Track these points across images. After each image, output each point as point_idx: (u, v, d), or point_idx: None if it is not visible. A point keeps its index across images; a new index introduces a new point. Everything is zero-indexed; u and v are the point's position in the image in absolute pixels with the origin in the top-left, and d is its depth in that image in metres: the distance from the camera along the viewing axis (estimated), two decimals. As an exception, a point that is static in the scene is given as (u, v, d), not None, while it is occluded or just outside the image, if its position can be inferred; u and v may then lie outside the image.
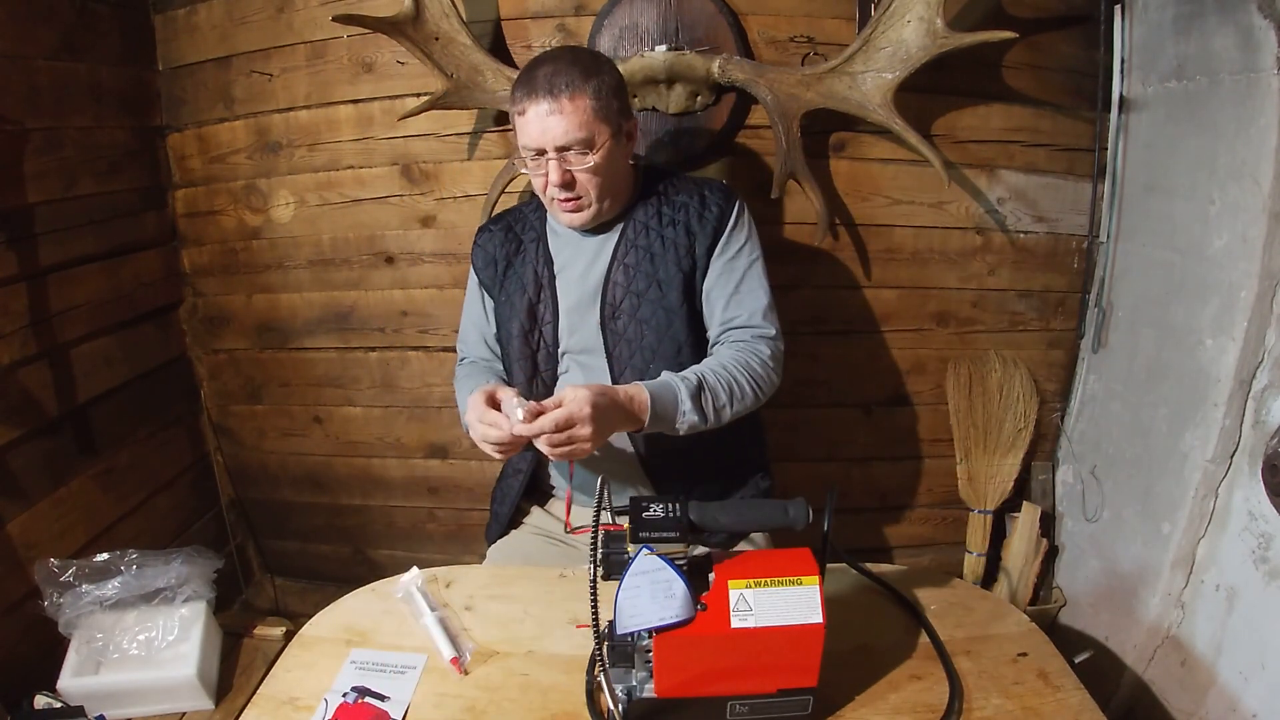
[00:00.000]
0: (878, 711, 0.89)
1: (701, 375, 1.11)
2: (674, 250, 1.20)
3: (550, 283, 1.26)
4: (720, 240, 1.21)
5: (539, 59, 1.14)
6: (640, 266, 1.21)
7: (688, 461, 1.24)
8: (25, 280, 1.47)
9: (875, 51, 1.48)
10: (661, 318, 1.20)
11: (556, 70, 1.10)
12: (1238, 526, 1.34)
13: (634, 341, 1.21)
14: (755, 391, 1.16)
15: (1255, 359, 1.31)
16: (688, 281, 1.21)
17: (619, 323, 1.21)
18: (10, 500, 1.44)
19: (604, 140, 1.12)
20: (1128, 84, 1.60)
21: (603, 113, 1.12)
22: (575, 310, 1.25)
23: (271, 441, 2.04)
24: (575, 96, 1.09)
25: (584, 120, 1.10)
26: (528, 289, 1.27)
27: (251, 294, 1.90)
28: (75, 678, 1.35)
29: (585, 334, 1.24)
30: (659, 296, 1.20)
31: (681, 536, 0.81)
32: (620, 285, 1.21)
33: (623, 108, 1.16)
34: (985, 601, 1.10)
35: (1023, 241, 1.76)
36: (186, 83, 1.78)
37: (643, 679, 0.85)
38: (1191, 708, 1.40)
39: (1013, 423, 1.83)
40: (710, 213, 1.21)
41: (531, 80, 1.11)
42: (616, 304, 1.21)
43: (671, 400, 1.07)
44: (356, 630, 1.05)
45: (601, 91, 1.11)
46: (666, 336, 1.20)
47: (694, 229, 1.21)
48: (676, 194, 1.24)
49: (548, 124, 1.10)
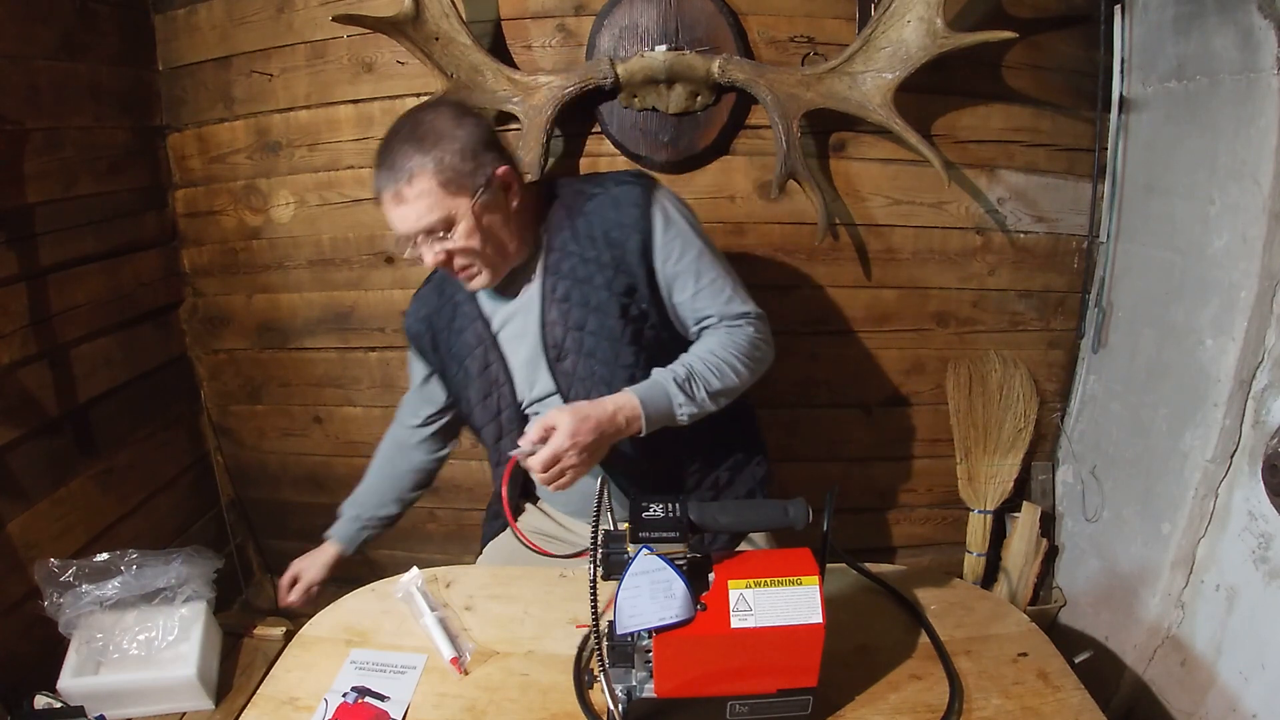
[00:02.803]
0: (878, 711, 0.89)
1: (690, 365, 1.08)
2: (601, 271, 1.11)
3: (494, 342, 1.19)
4: (654, 244, 1.12)
5: (387, 135, 1.06)
6: (573, 298, 1.13)
7: (676, 462, 1.22)
8: (25, 280, 1.47)
9: (875, 51, 1.48)
10: (606, 348, 1.13)
11: (393, 151, 1.02)
12: (1238, 526, 1.34)
13: (586, 379, 1.14)
14: (748, 366, 1.12)
15: (1255, 359, 1.31)
16: (623, 301, 1.12)
17: (566, 363, 1.15)
18: (10, 500, 1.43)
19: (463, 212, 1.03)
20: (1128, 84, 1.60)
21: (453, 185, 1.02)
22: (528, 364, 1.18)
23: (271, 441, 2.04)
24: (414, 179, 1.01)
25: (431, 203, 1.02)
26: (474, 353, 1.20)
27: (251, 294, 1.90)
28: (75, 678, 1.35)
29: (543, 383, 1.18)
30: (599, 325, 1.12)
31: (681, 536, 0.81)
32: (558, 324, 1.14)
33: (479, 166, 1.05)
34: (985, 601, 1.10)
35: (1023, 241, 1.76)
36: (186, 83, 1.78)
37: (643, 679, 0.85)
38: (1191, 708, 1.40)
39: (1013, 423, 1.83)
40: (627, 215, 1.12)
41: (379, 164, 1.03)
42: (560, 344, 1.14)
43: (664, 398, 1.05)
44: (356, 630, 1.05)
45: (444, 163, 1.02)
46: (616, 365, 1.13)
47: (615, 237, 1.11)
48: (586, 204, 1.15)
49: (398, 214, 1.03)
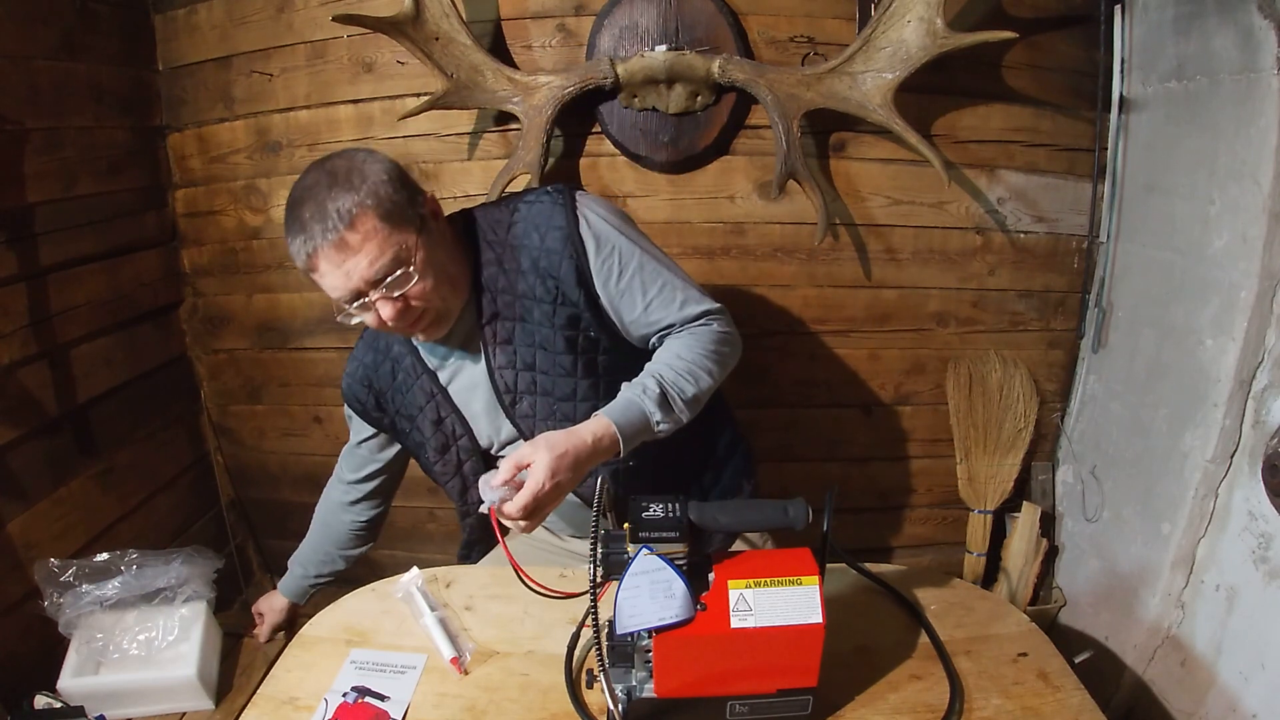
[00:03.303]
0: (878, 711, 0.89)
1: (659, 376, 1.01)
2: (539, 305, 1.05)
3: (445, 396, 1.14)
4: (589, 266, 1.05)
5: (295, 198, 0.97)
6: (516, 338, 1.07)
7: (663, 475, 1.17)
8: (25, 280, 1.47)
9: (875, 51, 1.48)
10: (561, 386, 1.08)
11: (319, 202, 0.94)
12: (1238, 526, 1.34)
13: (547, 419, 1.10)
14: (719, 363, 1.06)
15: (1255, 359, 1.31)
16: (567, 334, 1.06)
17: (524, 405, 1.10)
18: (10, 500, 1.43)
19: (413, 246, 0.97)
20: (1128, 84, 1.60)
21: (395, 218, 0.96)
22: (484, 414, 1.14)
23: (271, 441, 2.04)
24: (356, 221, 0.93)
25: (381, 241, 0.94)
26: (425, 410, 1.15)
27: (251, 294, 1.90)
28: (75, 678, 1.34)
29: (497, 429, 1.15)
30: (549, 362, 1.07)
31: (681, 536, 0.81)
32: (506, 368, 1.09)
33: (410, 195, 0.99)
34: (985, 601, 1.10)
35: (1023, 241, 1.76)
36: (186, 83, 1.78)
37: (643, 679, 0.85)
38: (1191, 708, 1.40)
39: (1013, 423, 1.83)
40: (552, 239, 1.05)
41: (300, 226, 0.94)
42: (513, 388, 1.10)
43: (639, 417, 0.98)
44: (356, 630, 1.05)
45: (380, 194, 0.95)
46: (576, 401, 1.09)
47: (545, 267, 1.05)
48: (508, 232, 1.08)
49: (348, 267, 0.94)
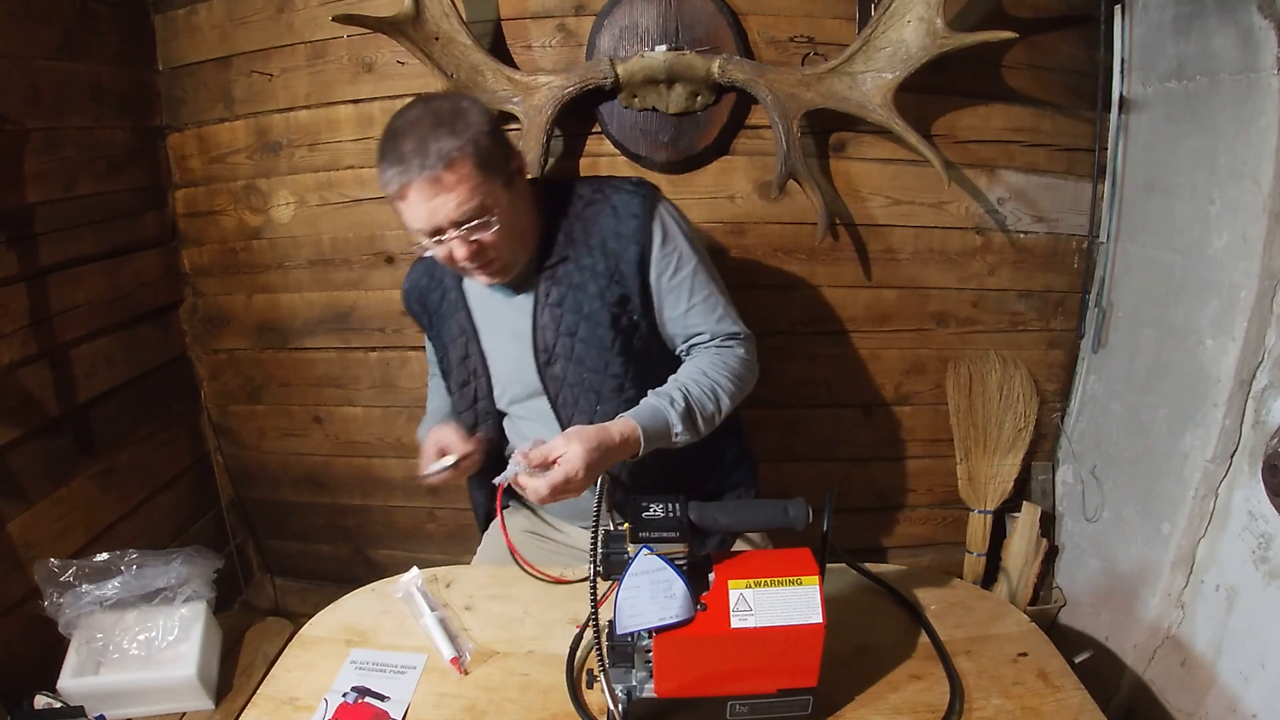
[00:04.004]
0: (878, 711, 0.89)
1: (685, 390, 1.08)
2: (596, 280, 1.11)
3: (475, 336, 1.19)
4: (651, 257, 1.11)
5: (397, 128, 1.00)
6: (567, 303, 1.12)
7: (665, 478, 1.21)
8: (25, 280, 1.47)
9: (875, 51, 1.48)
10: (596, 356, 1.13)
11: (422, 139, 0.97)
12: (1238, 526, 1.34)
13: (576, 385, 1.14)
14: (739, 387, 1.14)
15: (1255, 359, 1.31)
16: (614, 311, 1.12)
17: (556, 367, 1.14)
18: (10, 500, 1.43)
19: (499, 197, 1.02)
20: (1128, 84, 1.60)
21: (488, 168, 1.00)
22: (507, 361, 1.18)
23: (271, 441, 2.04)
24: (454, 164, 0.97)
25: (473, 186, 0.98)
26: (456, 341, 1.21)
27: (251, 294, 1.90)
28: (75, 678, 1.35)
29: (524, 383, 1.18)
30: (589, 333, 1.12)
31: (681, 536, 0.81)
32: (549, 328, 1.13)
33: (505, 150, 1.04)
34: (985, 601, 1.10)
35: (1023, 241, 1.76)
36: (186, 83, 1.78)
37: (643, 679, 0.85)
38: (1191, 708, 1.40)
39: (1013, 423, 1.83)
40: (626, 226, 1.11)
41: (399, 157, 0.98)
42: (550, 348, 1.14)
43: (663, 425, 1.05)
44: (356, 630, 1.05)
45: (480, 145, 0.99)
46: (606, 375, 1.13)
47: (612, 248, 1.11)
48: (585, 209, 1.13)
49: (435, 204, 0.98)
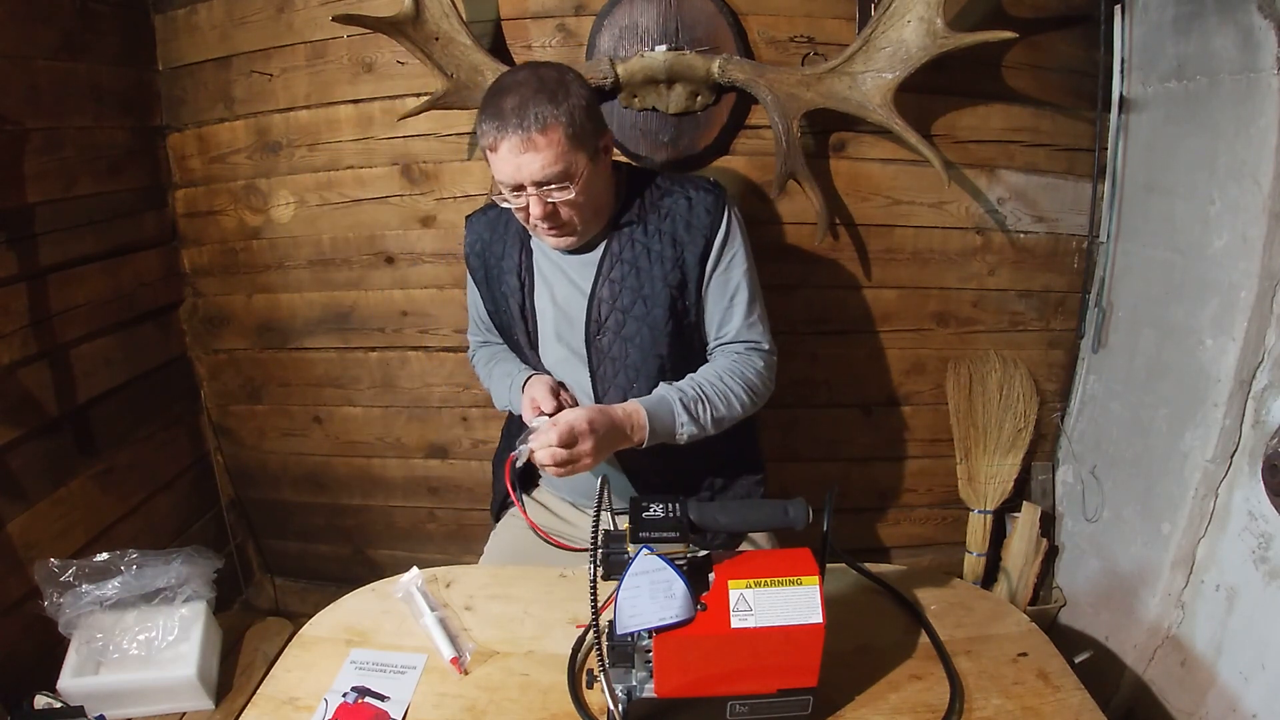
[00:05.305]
0: (878, 711, 0.89)
1: (699, 387, 1.11)
2: (660, 264, 1.15)
3: (530, 293, 1.21)
4: (713, 250, 1.16)
5: (503, 86, 1.05)
6: (626, 281, 1.15)
7: (677, 469, 1.23)
8: (25, 280, 1.47)
9: (875, 51, 1.48)
10: (646, 335, 1.16)
11: (523, 100, 1.02)
12: (1238, 526, 1.34)
13: (619, 360, 1.17)
14: (751, 399, 1.17)
15: (1255, 359, 1.31)
16: (674, 296, 1.16)
17: (604, 340, 1.17)
18: (10, 500, 1.43)
19: (582, 168, 1.06)
20: (1128, 84, 1.60)
21: (578, 139, 1.04)
22: (556, 323, 1.20)
23: (271, 441, 2.04)
24: (548, 129, 1.02)
25: (560, 153, 1.03)
26: (511, 295, 1.23)
27: (251, 294, 1.90)
28: (75, 678, 1.35)
29: (567, 348, 1.20)
30: (645, 313, 1.15)
31: (681, 536, 0.81)
32: (606, 302, 1.16)
33: (597, 126, 1.09)
34: (985, 601, 1.10)
35: (1023, 241, 1.76)
36: (186, 83, 1.78)
37: (643, 679, 0.85)
38: (1191, 708, 1.40)
39: (1013, 423, 1.83)
40: (699, 219, 1.15)
41: (499, 112, 1.02)
42: (602, 321, 1.17)
43: (669, 416, 1.08)
44: (356, 630, 1.05)
45: (575, 117, 1.04)
46: (651, 354, 1.17)
47: (681, 237, 1.15)
48: (662, 199, 1.18)
49: (522, 161, 1.03)
